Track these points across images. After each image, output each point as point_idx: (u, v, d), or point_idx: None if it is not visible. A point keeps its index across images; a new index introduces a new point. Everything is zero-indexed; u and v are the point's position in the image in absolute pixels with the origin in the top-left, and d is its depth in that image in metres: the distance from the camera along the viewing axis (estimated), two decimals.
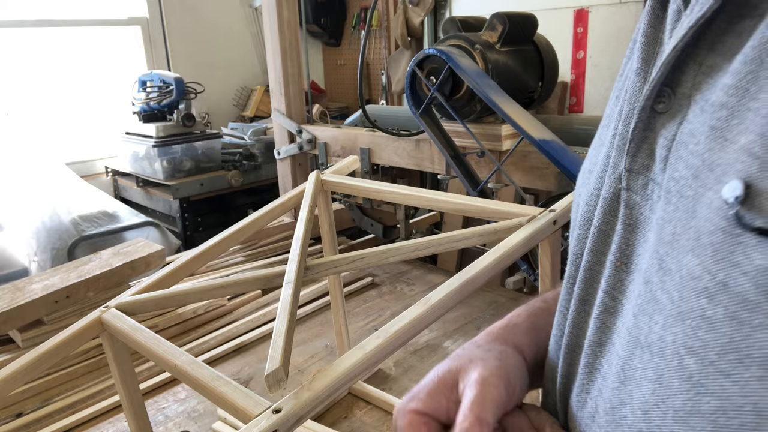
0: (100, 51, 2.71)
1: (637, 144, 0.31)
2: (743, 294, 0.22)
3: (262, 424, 0.41)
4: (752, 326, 0.22)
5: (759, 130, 0.23)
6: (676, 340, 0.26)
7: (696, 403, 0.24)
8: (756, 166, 0.22)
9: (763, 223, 0.21)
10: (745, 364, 0.22)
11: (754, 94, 0.24)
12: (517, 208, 0.69)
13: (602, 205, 0.33)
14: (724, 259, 0.23)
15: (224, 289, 0.64)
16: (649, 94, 0.30)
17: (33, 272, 1.84)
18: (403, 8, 2.79)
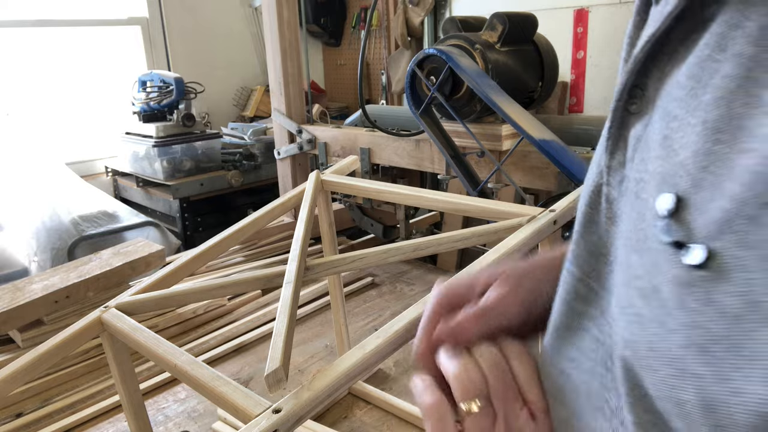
0: (100, 51, 2.71)
1: (614, 142, 0.32)
2: (665, 299, 0.24)
3: (262, 424, 0.41)
4: (668, 329, 0.24)
5: (694, 147, 0.24)
6: (619, 333, 0.28)
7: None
8: (688, 183, 0.24)
9: (679, 237, 0.23)
10: (662, 363, 0.24)
11: (692, 110, 0.25)
12: (517, 208, 0.69)
13: (588, 199, 0.34)
14: (656, 265, 0.25)
15: (224, 289, 0.64)
16: (620, 95, 0.31)
17: (33, 272, 1.84)
18: (403, 8, 2.79)
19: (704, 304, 0.22)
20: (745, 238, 0.21)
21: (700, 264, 0.22)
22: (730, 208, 0.22)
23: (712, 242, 0.22)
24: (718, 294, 0.22)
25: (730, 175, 0.22)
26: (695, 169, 0.24)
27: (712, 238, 0.22)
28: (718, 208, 0.22)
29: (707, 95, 0.24)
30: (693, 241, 0.23)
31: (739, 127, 0.22)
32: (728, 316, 0.21)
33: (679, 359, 0.23)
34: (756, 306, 0.20)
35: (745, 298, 0.21)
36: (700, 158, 0.24)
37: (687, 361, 0.23)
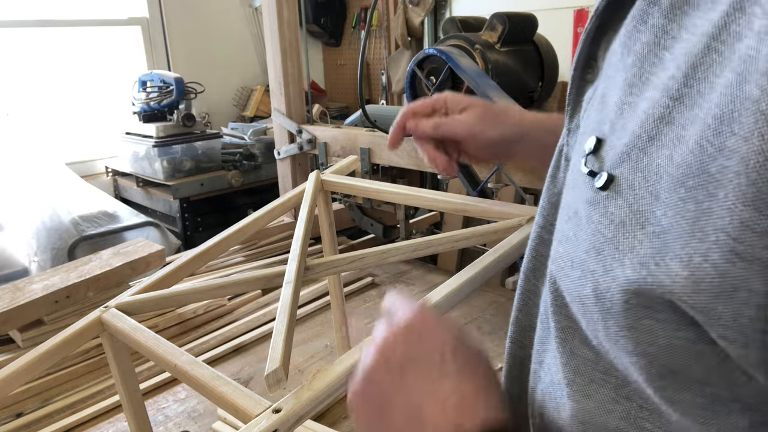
0: (100, 51, 2.71)
1: (573, 107, 0.38)
2: (580, 218, 0.30)
3: (262, 424, 0.41)
4: (579, 240, 0.30)
5: (615, 99, 0.30)
6: (551, 254, 0.35)
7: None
8: (608, 128, 0.30)
9: (593, 167, 0.29)
10: (573, 268, 0.30)
11: (619, 71, 0.30)
12: (517, 208, 0.69)
13: (554, 159, 0.40)
14: (578, 193, 0.31)
15: (224, 289, 0.64)
16: (576, 64, 0.37)
17: (33, 272, 1.84)
18: (403, 8, 2.79)
19: (602, 216, 0.28)
20: (636, 164, 0.26)
21: (603, 186, 0.28)
22: (628, 142, 0.27)
23: (614, 169, 0.28)
24: (612, 207, 0.27)
25: (633, 117, 0.28)
26: (615, 116, 0.29)
27: (614, 167, 0.28)
28: (622, 144, 0.28)
29: (630, 58, 0.30)
30: (601, 170, 0.29)
31: (646, 81, 0.28)
32: (615, 222, 0.27)
33: (583, 262, 0.29)
34: (635, 213, 0.26)
35: (629, 208, 0.26)
36: (618, 107, 0.29)
37: (587, 263, 0.29)
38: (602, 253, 0.28)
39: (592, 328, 0.30)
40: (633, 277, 0.25)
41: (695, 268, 0.23)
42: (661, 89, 0.26)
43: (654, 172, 0.25)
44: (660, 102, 0.26)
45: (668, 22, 0.28)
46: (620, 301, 0.26)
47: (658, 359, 0.27)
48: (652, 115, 0.26)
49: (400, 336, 0.37)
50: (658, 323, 0.25)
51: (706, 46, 0.24)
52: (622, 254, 0.26)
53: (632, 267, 0.25)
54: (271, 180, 2.39)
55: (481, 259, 0.56)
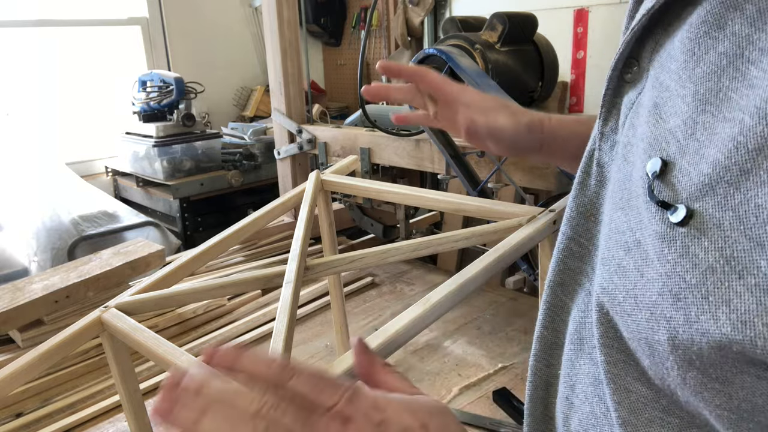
0: (100, 51, 2.71)
1: (608, 109, 0.34)
2: (647, 252, 0.27)
3: None
4: (647, 279, 0.26)
5: (683, 116, 0.26)
6: (597, 282, 0.31)
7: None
8: (675, 148, 0.26)
9: (664, 197, 0.26)
10: (640, 308, 0.27)
11: (684, 82, 0.27)
12: (517, 208, 0.69)
13: (583, 163, 0.37)
14: (641, 221, 0.27)
15: (224, 289, 0.64)
16: (615, 64, 0.33)
17: (33, 272, 1.84)
18: (403, 8, 2.79)
19: (681, 256, 0.24)
20: (724, 201, 0.23)
21: (680, 221, 0.25)
22: (710, 173, 0.24)
23: (693, 203, 0.24)
24: (695, 248, 0.24)
25: (711, 142, 0.24)
26: (682, 136, 0.26)
27: (693, 199, 0.24)
28: (699, 172, 0.24)
29: (700, 68, 0.26)
30: (676, 201, 0.25)
31: (724, 98, 0.24)
32: (701, 267, 0.23)
33: (654, 304, 0.26)
34: (729, 260, 0.22)
35: (719, 252, 0.23)
36: (688, 126, 0.26)
37: (661, 307, 0.25)
38: (683, 301, 0.24)
39: (660, 372, 0.27)
40: (734, 336, 0.22)
41: None
42: (755, 113, 0.22)
43: (753, 214, 0.22)
44: (754, 129, 0.22)
45: (755, 32, 0.24)
46: (711, 356, 0.23)
47: (754, 416, 0.24)
48: (745, 144, 0.22)
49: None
50: (758, 381, 0.23)
51: None
52: (714, 306, 0.23)
53: (731, 324, 0.22)
54: (271, 180, 2.39)
55: (481, 259, 0.56)
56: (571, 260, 0.37)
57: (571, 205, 0.37)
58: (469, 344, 0.99)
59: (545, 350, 0.40)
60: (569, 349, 0.36)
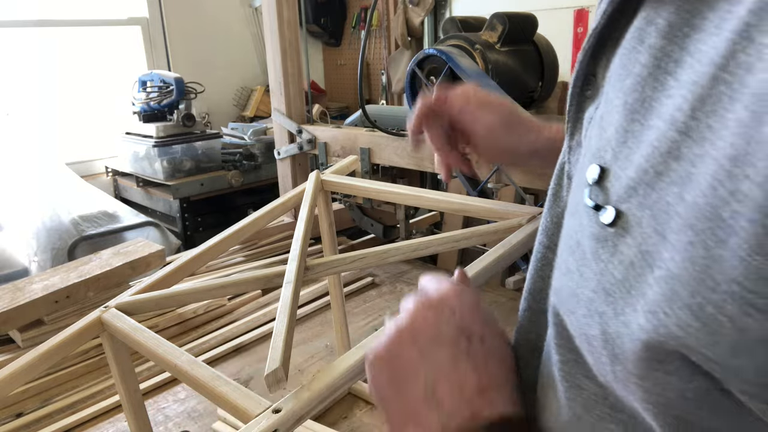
0: (100, 51, 2.71)
1: (573, 124, 0.36)
2: (584, 252, 0.28)
3: (262, 424, 0.41)
4: (584, 277, 0.28)
5: (616, 125, 0.28)
6: (552, 284, 0.33)
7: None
8: (610, 156, 0.28)
9: (598, 200, 0.28)
10: (579, 305, 0.29)
11: (618, 93, 0.29)
12: (517, 208, 0.69)
13: (555, 175, 0.39)
14: (581, 224, 0.29)
15: (224, 289, 0.64)
16: (574, 81, 0.36)
17: (33, 272, 1.84)
18: (403, 8, 2.79)
19: (610, 255, 0.26)
20: (644, 200, 0.25)
21: (610, 222, 0.26)
22: (635, 176, 0.25)
23: (621, 204, 0.26)
24: (621, 246, 0.26)
25: (638, 148, 0.26)
26: (616, 144, 0.28)
27: (621, 201, 0.26)
28: (627, 176, 0.26)
29: (629, 80, 0.28)
30: (607, 204, 0.27)
31: (648, 108, 0.26)
32: (625, 263, 0.25)
33: (590, 300, 0.28)
34: (644, 254, 0.24)
35: (638, 248, 0.24)
36: (620, 134, 0.28)
37: (595, 303, 0.27)
38: (612, 296, 0.26)
39: (599, 367, 0.29)
40: (646, 326, 0.23)
41: (709, 319, 0.21)
42: (668, 120, 0.24)
43: (663, 211, 0.23)
44: (667, 135, 0.24)
45: (668, 44, 0.26)
46: (631, 350, 0.25)
47: (670, 410, 0.25)
48: (659, 149, 0.24)
49: (432, 310, 0.37)
50: (669, 375, 0.24)
51: (713, 77, 0.22)
52: (635, 299, 0.24)
53: (644, 315, 0.24)
54: (271, 180, 2.39)
55: (481, 259, 0.56)
56: (547, 268, 0.38)
57: (546, 215, 0.39)
58: None
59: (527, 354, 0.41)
60: (545, 355, 0.37)
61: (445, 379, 0.34)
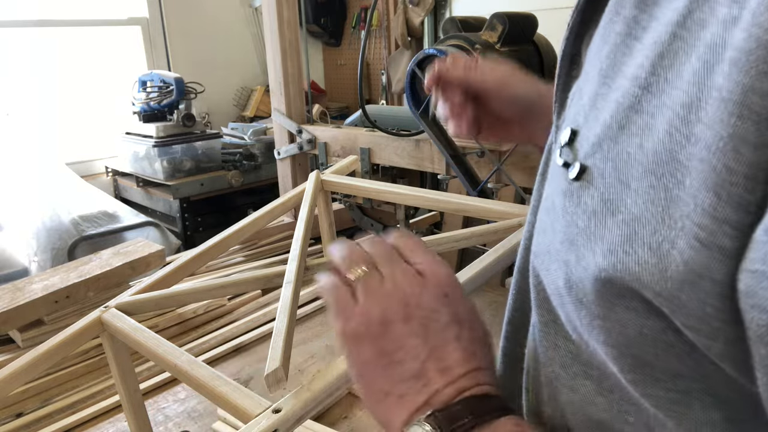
0: (100, 51, 2.71)
1: (560, 104, 0.37)
2: (556, 210, 0.30)
3: (262, 424, 0.41)
4: (555, 231, 0.30)
5: (590, 92, 0.30)
6: (532, 248, 0.35)
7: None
8: (582, 118, 0.30)
9: (567, 159, 0.29)
10: (551, 260, 0.31)
11: (595, 63, 0.30)
12: (517, 208, 0.69)
13: (543, 156, 0.41)
14: (556, 185, 0.31)
15: (224, 289, 0.64)
16: (561, 62, 0.37)
17: (33, 272, 1.84)
18: (403, 8, 2.79)
19: (575, 206, 0.28)
20: (607, 153, 0.26)
21: (576, 177, 0.28)
22: (599, 132, 0.27)
23: (586, 160, 0.28)
24: (585, 197, 0.27)
25: (605, 108, 0.28)
26: (588, 108, 0.29)
27: (587, 157, 0.28)
28: (594, 134, 0.28)
29: (605, 49, 0.30)
30: (574, 161, 0.29)
31: (617, 71, 0.28)
32: (588, 212, 0.27)
33: (557, 252, 0.29)
34: (606, 202, 0.26)
35: (601, 197, 0.26)
36: (591, 99, 0.29)
37: (562, 253, 0.29)
38: (575, 244, 0.28)
39: (569, 320, 0.30)
40: (603, 265, 0.25)
41: (663, 255, 0.23)
42: (630, 78, 0.26)
43: (624, 161, 0.25)
44: (629, 91, 0.26)
45: (639, 13, 0.28)
46: (591, 290, 0.26)
47: (630, 349, 0.27)
48: (622, 104, 0.26)
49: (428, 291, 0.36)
50: (627, 312, 0.25)
51: (672, 34, 0.24)
52: (594, 243, 0.26)
53: (603, 255, 0.25)
54: (271, 180, 2.39)
55: (481, 259, 0.56)
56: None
57: (534, 195, 0.41)
58: None
59: (516, 331, 0.43)
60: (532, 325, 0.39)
61: (436, 360, 0.34)
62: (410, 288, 0.36)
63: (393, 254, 0.39)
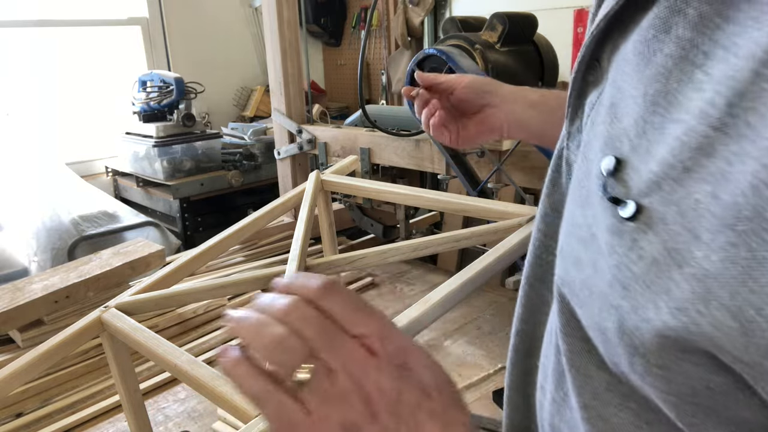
0: (100, 51, 2.71)
1: (574, 110, 0.36)
2: (600, 245, 0.28)
3: (262, 424, 0.41)
4: (599, 270, 0.28)
5: (634, 116, 0.27)
6: (558, 273, 0.33)
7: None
8: (627, 147, 0.27)
9: (616, 193, 0.27)
10: (593, 298, 0.28)
11: (635, 83, 0.28)
12: (517, 208, 0.69)
13: (553, 162, 0.38)
14: (596, 216, 0.28)
15: (224, 289, 0.64)
16: (578, 65, 0.34)
17: (33, 272, 1.84)
18: (403, 8, 2.79)
19: (629, 249, 0.26)
20: (669, 196, 0.24)
21: (630, 216, 0.26)
22: (658, 170, 0.25)
23: (642, 199, 0.25)
24: (642, 242, 0.25)
25: (660, 141, 0.25)
26: (634, 135, 0.27)
27: (642, 195, 0.25)
28: (649, 170, 0.25)
29: (649, 70, 0.27)
30: (627, 197, 0.26)
31: (673, 100, 0.25)
32: (647, 259, 0.25)
33: (604, 294, 0.27)
34: (670, 251, 0.24)
35: (663, 245, 0.24)
36: (639, 126, 0.27)
37: (611, 296, 0.27)
38: (630, 290, 0.25)
39: (612, 358, 0.28)
40: (671, 323, 0.23)
41: (746, 321, 0.20)
42: (696, 115, 0.23)
43: (692, 208, 0.23)
44: (697, 130, 0.23)
45: (697, 35, 0.25)
46: (653, 344, 0.24)
47: (694, 399, 0.25)
48: (687, 144, 0.23)
49: (383, 371, 0.30)
50: (695, 367, 0.24)
51: (755, 72, 0.21)
52: (656, 295, 0.24)
53: (670, 312, 0.23)
54: (271, 180, 2.39)
55: (481, 259, 0.56)
56: (546, 255, 0.38)
57: (544, 202, 0.39)
58: (469, 344, 0.99)
59: (525, 342, 0.40)
60: (546, 341, 0.37)
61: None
62: (366, 376, 0.29)
63: (331, 330, 0.31)
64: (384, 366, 0.30)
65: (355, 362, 0.30)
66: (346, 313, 0.31)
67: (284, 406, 0.30)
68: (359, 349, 0.30)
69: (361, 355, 0.30)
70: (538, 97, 0.74)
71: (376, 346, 0.30)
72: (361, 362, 0.30)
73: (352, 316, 0.31)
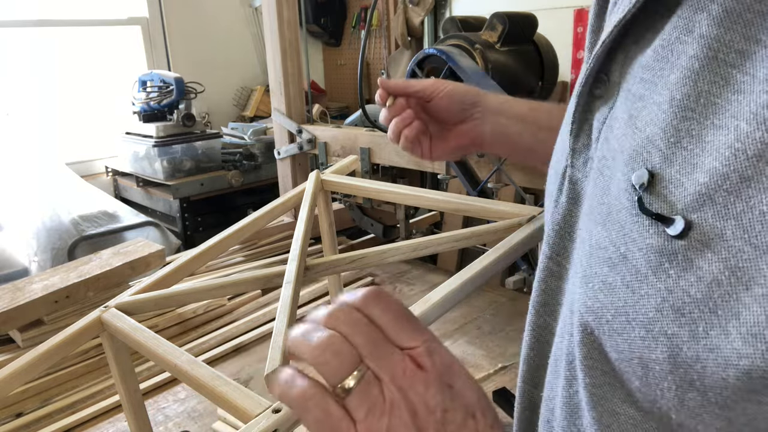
0: (100, 51, 2.71)
1: (579, 125, 0.34)
2: (637, 267, 0.25)
3: (262, 423, 0.41)
4: (640, 294, 0.25)
5: (661, 124, 0.25)
6: (580, 301, 0.29)
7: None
8: (659, 158, 0.25)
9: (657, 209, 0.25)
10: (633, 325, 0.26)
11: (659, 89, 0.26)
12: (517, 208, 0.69)
13: (555, 181, 0.36)
14: (627, 235, 0.26)
15: (224, 289, 0.64)
16: (585, 80, 0.32)
17: (33, 272, 1.84)
18: (403, 8, 2.79)
19: (684, 270, 0.23)
20: (725, 210, 0.22)
21: (678, 234, 0.24)
22: (707, 182, 0.23)
23: (691, 214, 0.23)
24: (699, 261, 0.23)
25: (704, 150, 0.23)
26: (665, 145, 0.25)
27: (690, 210, 0.23)
28: (695, 182, 0.23)
29: (674, 74, 0.25)
30: (671, 213, 0.24)
31: (708, 104, 0.23)
32: (706, 280, 0.22)
33: (651, 321, 0.25)
34: (735, 270, 0.21)
35: (725, 264, 0.22)
36: (670, 134, 0.25)
37: (661, 323, 0.24)
38: (687, 316, 0.23)
39: (652, 393, 0.26)
40: (745, 351, 0.21)
41: None
42: (751, 119, 0.22)
43: (757, 221, 0.21)
44: (754, 136, 0.21)
45: (725, 32, 0.23)
46: (719, 377, 0.22)
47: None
48: (744, 151, 0.22)
49: (431, 388, 0.29)
50: (762, 406, 0.21)
51: None
52: (724, 320, 0.22)
53: (742, 338, 0.21)
54: (271, 180, 2.39)
55: (481, 259, 0.56)
56: (552, 280, 0.36)
57: (548, 224, 0.36)
58: (469, 344, 0.99)
59: (532, 371, 0.38)
60: (550, 372, 0.35)
61: None
62: (413, 390, 0.29)
63: (380, 339, 0.30)
64: (432, 382, 0.29)
65: (403, 374, 0.29)
66: (394, 324, 0.31)
67: (330, 414, 0.28)
68: (407, 361, 0.29)
69: (409, 367, 0.29)
70: (527, 110, 0.68)
71: (424, 360, 0.30)
72: (409, 375, 0.29)
73: (400, 327, 0.30)
